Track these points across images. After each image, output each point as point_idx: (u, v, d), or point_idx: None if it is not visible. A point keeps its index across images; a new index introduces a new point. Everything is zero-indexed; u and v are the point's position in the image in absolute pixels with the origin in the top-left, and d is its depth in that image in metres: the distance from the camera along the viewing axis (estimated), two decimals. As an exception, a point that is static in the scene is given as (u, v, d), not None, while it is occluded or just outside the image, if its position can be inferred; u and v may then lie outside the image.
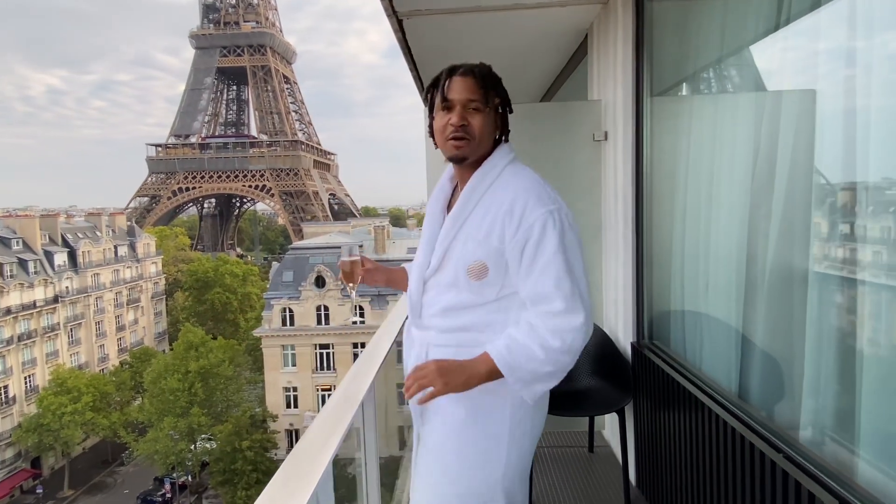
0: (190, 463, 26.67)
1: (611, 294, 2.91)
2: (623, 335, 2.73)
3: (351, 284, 1.53)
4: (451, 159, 1.37)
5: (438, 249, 1.36)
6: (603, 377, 2.71)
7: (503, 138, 1.41)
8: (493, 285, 1.32)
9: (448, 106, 1.31)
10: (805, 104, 1.58)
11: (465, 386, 1.26)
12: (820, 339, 1.49)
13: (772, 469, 1.39)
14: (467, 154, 1.32)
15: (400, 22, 3.10)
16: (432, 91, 1.35)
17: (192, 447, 26.27)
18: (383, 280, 1.59)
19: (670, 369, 2.13)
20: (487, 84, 1.31)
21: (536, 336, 1.24)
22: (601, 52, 3.03)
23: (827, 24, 1.46)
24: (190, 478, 27.41)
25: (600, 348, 2.77)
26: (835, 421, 1.43)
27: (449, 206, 1.43)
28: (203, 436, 26.55)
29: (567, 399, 2.64)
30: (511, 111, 1.40)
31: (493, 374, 1.26)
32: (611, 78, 2.82)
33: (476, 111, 1.30)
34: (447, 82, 1.31)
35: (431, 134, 1.38)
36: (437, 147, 1.38)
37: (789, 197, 1.61)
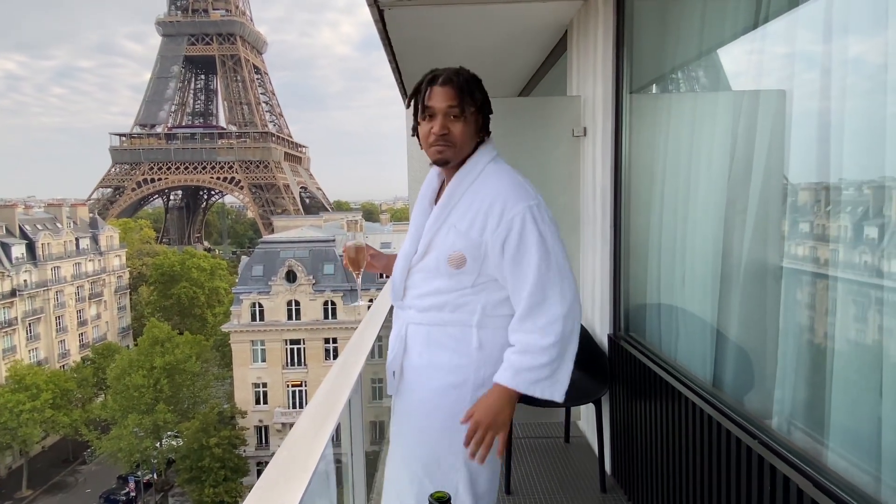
0: (155, 461, 26.13)
1: (588, 287, 2.96)
2: (600, 327, 2.78)
3: (357, 272, 1.57)
4: (435, 163, 1.46)
5: (424, 238, 1.44)
6: (579, 369, 2.75)
7: (485, 138, 1.48)
8: (470, 274, 1.40)
9: (430, 114, 1.39)
10: (778, 103, 1.64)
11: (508, 416, 1.36)
12: (789, 331, 1.56)
13: (747, 454, 1.45)
14: (449, 158, 1.41)
15: (381, 12, 3.08)
16: (416, 97, 1.43)
17: (158, 444, 25.73)
18: (382, 266, 1.67)
19: (646, 360, 2.19)
20: (466, 92, 1.38)
21: (528, 346, 1.34)
22: (581, 47, 3.07)
23: (804, 24, 1.51)
24: (155, 476, 26.86)
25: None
26: (804, 410, 1.50)
27: (437, 200, 1.51)
28: (169, 433, 26.03)
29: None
30: (491, 112, 1.47)
31: (514, 397, 1.36)
32: (590, 74, 2.86)
33: (456, 119, 1.37)
34: (428, 91, 1.38)
35: (417, 136, 1.47)
36: (422, 149, 1.48)
37: (762, 194, 1.67)
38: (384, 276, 1.67)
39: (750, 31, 1.72)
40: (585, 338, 2.80)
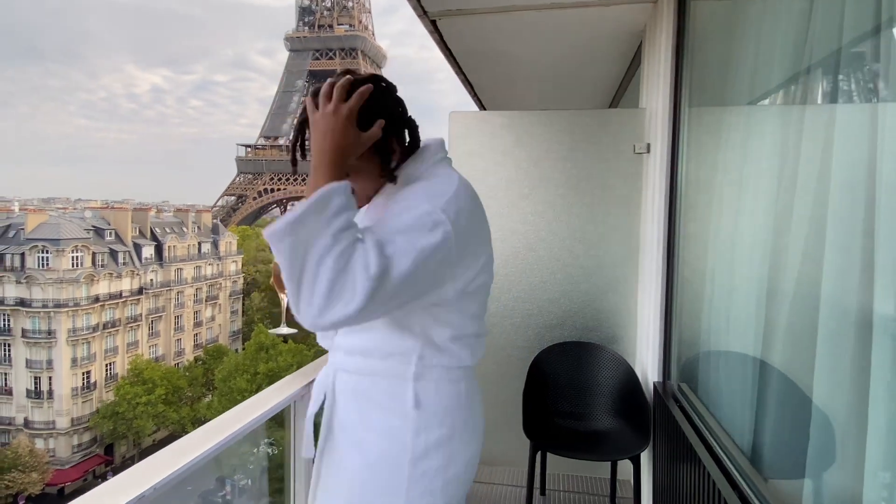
0: (251, 467, 27.92)
1: (643, 326, 2.75)
2: (651, 373, 2.57)
3: (283, 293, 1.31)
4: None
5: None
6: (623, 417, 2.56)
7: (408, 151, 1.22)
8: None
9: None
10: (871, 122, 1.41)
11: (321, 150, 1.07)
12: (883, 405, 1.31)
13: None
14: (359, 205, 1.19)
15: (433, 23, 3.12)
16: None
17: (255, 450, 27.51)
18: None
19: (682, 417, 1.98)
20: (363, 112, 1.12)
21: (351, 245, 0.96)
22: (650, 56, 2.90)
23: None
24: (250, 482, 28.72)
25: (624, 386, 2.63)
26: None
27: None
28: (265, 440, 27.73)
29: (583, 440, 2.53)
30: (401, 122, 1.20)
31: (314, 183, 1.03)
32: (655, 85, 2.69)
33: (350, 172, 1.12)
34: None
35: None
36: None
37: (849, 226, 1.44)
38: None
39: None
40: (633, 383, 2.60)
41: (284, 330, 1.47)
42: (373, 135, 1.09)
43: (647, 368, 2.63)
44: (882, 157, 1.30)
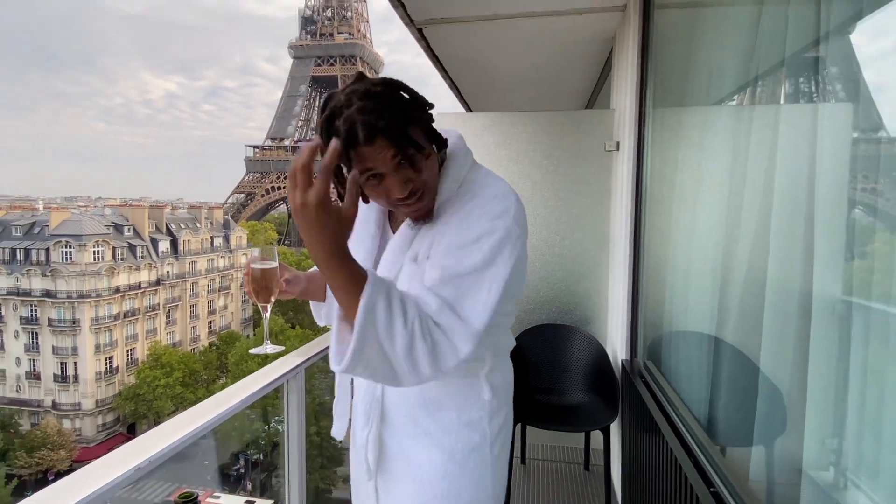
0: (263, 442, 28.05)
1: (614, 310, 2.77)
2: (620, 351, 2.59)
3: (265, 303, 1.11)
4: (415, 221, 1.07)
5: (386, 276, 1.07)
6: (595, 392, 2.59)
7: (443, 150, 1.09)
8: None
9: (374, 178, 0.96)
10: (811, 122, 1.43)
11: (321, 251, 0.83)
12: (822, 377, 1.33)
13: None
14: (430, 207, 1.04)
15: (420, 30, 3.11)
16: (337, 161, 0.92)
17: (266, 428, 27.62)
18: (299, 292, 1.21)
19: (647, 392, 2.00)
20: (401, 132, 0.93)
21: (425, 328, 0.88)
22: (620, 61, 2.91)
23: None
24: (262, 456, 28.82)
25: (595, 362, 2.65)
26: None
27: (390, 218, 1.17)
28: (276, 418, 27.83)
29: (559, 413, 2.56)
30: (430, 118, 1.01)
31: (349, 290, 0.85)
32: (623, 87, 2.69)
33: (404, 164, 0.95)
34: (358, 158, 0.93)
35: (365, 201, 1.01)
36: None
37: (787, 217, 1.46)
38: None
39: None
40: (604, 361, 2.63)
41: (269, 349, 1.15)
42: (349, 204, 0.83)
43: (617, 347, 2.65)
44: (821, 155, 1.32)
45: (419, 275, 1.00)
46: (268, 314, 1.13)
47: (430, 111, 1.01)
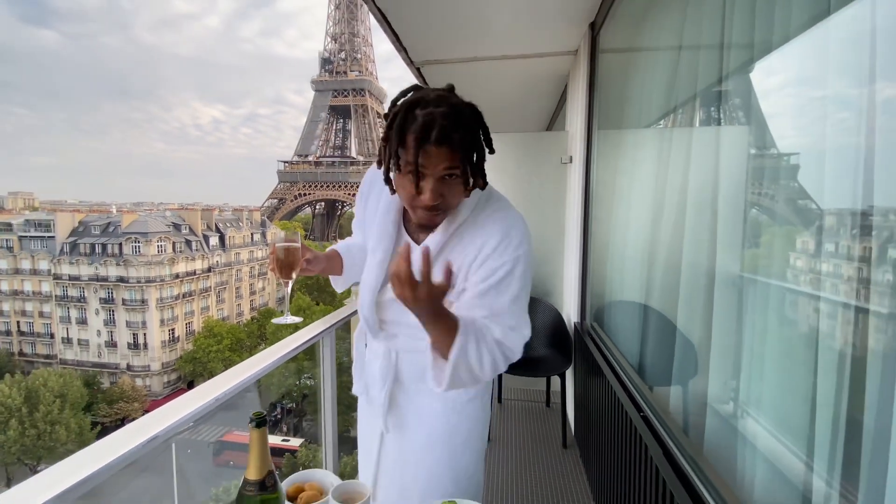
0: (295, 394, 28.02)
1: (568, 284, 2.83)
2: (573, 316, 2.65)
3: (286, 279, 0.99)
4: (419, 226, 0.97)
5: None
6: (553, 347, 2.65)
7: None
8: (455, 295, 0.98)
9: (418, 172, 0.83)
10: (715, 141, 1.47)
11: (427, 314, 0.81)
12: (723, 334, 1.38)
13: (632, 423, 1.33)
14: (440, 222, 0.93)
15: (418, 69, 3.12)
16: (393, 139, 0.84)
17: (297, 382, 27.55)
18: (319, 270, 1.09)
19: (593, 345, 2.06)
20: (469, 149, 0.84)
21: (499, 350, 0.90)
22: (572, 92, 2.94)
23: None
24: (294, 405, 28.79)
25: (554, 325, 2.71)
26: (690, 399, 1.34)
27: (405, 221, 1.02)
28: (305, 374, 27.78)
29: (527, 363, 2.61)
30: (492, 151, 0.90)
31: (445, 336, 0.84)
32: (575, 113, 2.73)
33: (453, 179, 0.84)
34: (420, 152, 0.81)
35: (388, 169, 0.89)
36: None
37: (697, 213, 1.50)
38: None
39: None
40: (560, 324, 2.68)
41: (289, 319, 1.04)
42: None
43: (570, 313, 2.71)
44: (722, 166, 1.36)
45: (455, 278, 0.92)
46: (289, 289, 1.01)
47: (488, 153, 0.89)
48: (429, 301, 0.75)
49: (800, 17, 0.89)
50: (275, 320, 1.12)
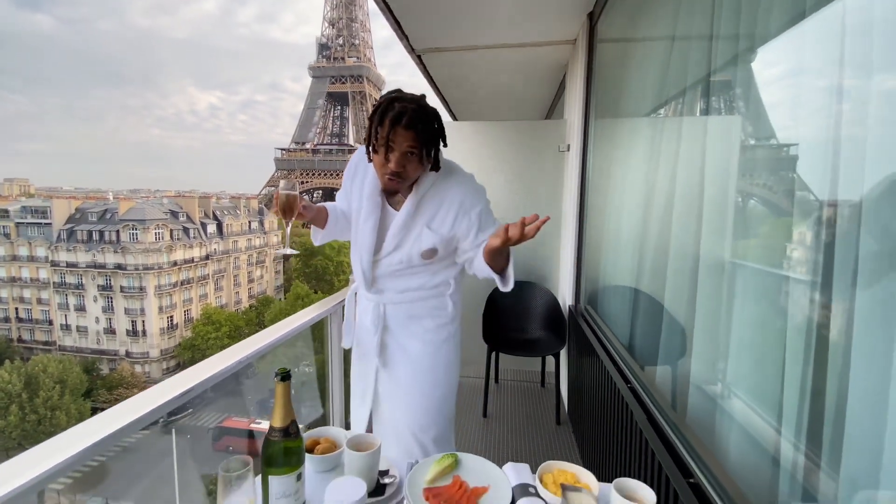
0: (293, 381, 28.08)
1: (564, 269, 2.91)
2: (568, 299, 2.74)
3: (287, 219, 1.19)
4: (384, 190, 1.25)
5: (391, 240, 1.25)
6: (548, 329, 2.74)
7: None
8: (441, 260, 1.29)
9: (389, 149, 1.14)
10: (703, 130, 1.53)
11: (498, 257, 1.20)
12: (708, 316, 1.44)
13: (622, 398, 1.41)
14: (399, 189, 1.22)
15: (419, 57, 3.16)
16: (374, 122, 1.16)
17: (296, 369, 27.63)
18: (311, 217, 1.29)
19: (587, 327, 2.14)
20: (429, 139, 1.15)
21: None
22: (571, 82, 2.99)
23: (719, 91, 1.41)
24: (294, 392, 28.96)
25: (549, 308, 2.80)
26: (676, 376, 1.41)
27: (388, 194, 1.28)
28: (304, 362, 27.96)
29: (522, 344, 2.70)
30: (446, 145, 1.21)
31: (500, 261, 1.22)
32: (573, 102, 2.79)
33: (413, 156, 1.15)
34: (392, 131, 1.12)
35: (369, 145, 1.20)
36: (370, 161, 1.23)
37: (685, 202, 1.56)
38: (307, 226, 1.36)
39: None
40: (555, 306, 2.77)
41: (288, 251, 1.26)
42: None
43: (565, 296, 2.80)
44: (712, 155, 1.43)
45: (435, 234, 1.23)
46: (288, 228, 1.22)
47: (442, 144, 1.20)
48: (514, 242, 1.08)
49: (797, 7, 0.90)
50: (277, 251, 1.40)
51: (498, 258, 1.19)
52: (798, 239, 0.93)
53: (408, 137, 1.11)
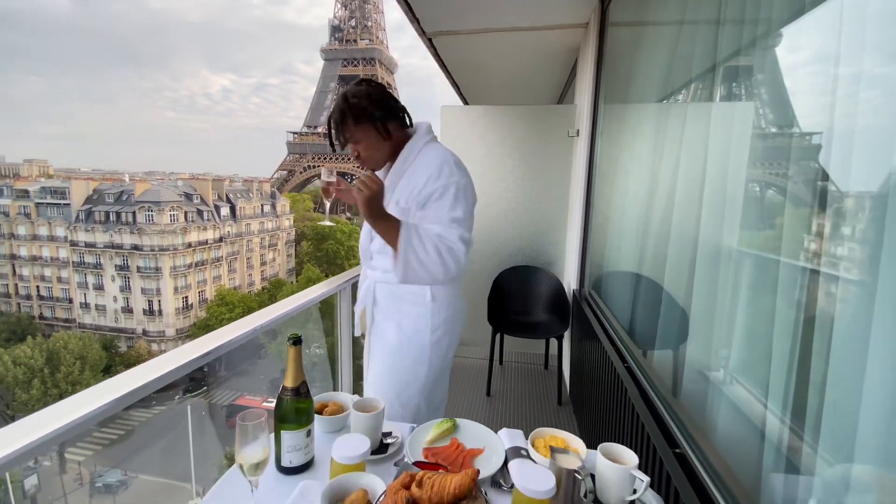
0: (305, 362, 28.70)
1: (570, 254, 2.94)
2: (572, 283, 2.77)
3: (327, 199, 1.38)
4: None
5: None
6: (553, 313, 2.79)
7: (407, 130, 1.36)
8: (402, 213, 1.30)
9: (343, 145, 1.34)
10: (707, 117, 1.53)
11: (370, 216, 1.15)
12: (707, 301, 1.46)
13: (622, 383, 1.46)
14: (372, 167, 1.35)
15: (430, 40, 3.16)
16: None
17: (307, 350, 28.17)
18: (351, 199, 1.38)
19: (590, 311, 2.18)
20: (337, 128, 1.29)
21: (440, 242, 1.18)
22: (582, 66, 2.97)
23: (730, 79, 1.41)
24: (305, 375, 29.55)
25: (554, 292, 2.84)
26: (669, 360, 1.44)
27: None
28: (315, 344, 28.44)
29: (527, 327, 2.76)
30: (392, 113, 1.32)
31: (392, 234, 1.15)
32: (583, 87, 2.78)
33: (356, 142, 1.30)
34: (333, 131, 1.33)
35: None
36: None
37: (689, 189, 1.57)
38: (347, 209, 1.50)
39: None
40: (560, 291, 2.81)
41: (327, 223, 1.69)
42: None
43: (570, 280, 2.83)
44: (713, 138, 1.43)
45: (407, 213, 1.26)
46: (327, 205, 1.40)
47: (379, 113, 1.29)
48: (372, 199, 1.11)
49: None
50: (319, 223, 1.50)
51: (380, 229, 1.17)
52: (811, 228, 0.94)
53: (343, 133, 1.28)
